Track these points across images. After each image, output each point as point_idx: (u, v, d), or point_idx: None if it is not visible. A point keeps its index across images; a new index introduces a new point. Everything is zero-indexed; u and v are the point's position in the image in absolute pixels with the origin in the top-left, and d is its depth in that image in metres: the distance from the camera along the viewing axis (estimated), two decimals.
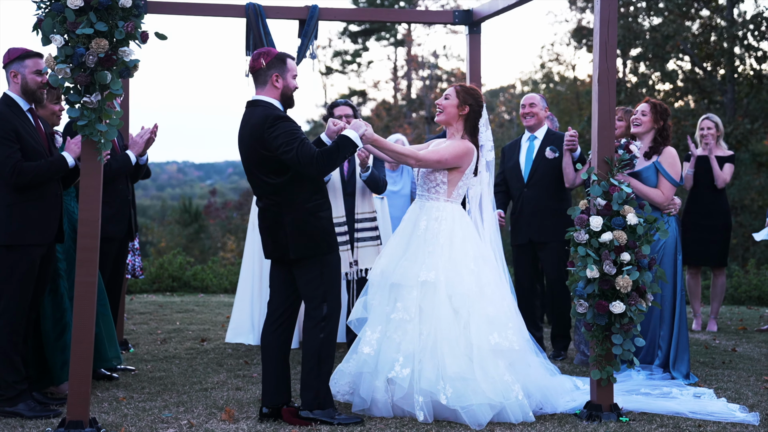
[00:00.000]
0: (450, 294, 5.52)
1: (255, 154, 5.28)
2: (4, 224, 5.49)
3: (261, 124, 5.22)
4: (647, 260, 5.51)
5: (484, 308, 5.53)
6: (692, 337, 8.56)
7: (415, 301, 5.51)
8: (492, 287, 5.65)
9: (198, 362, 7.14)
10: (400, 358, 5.37)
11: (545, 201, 7.42)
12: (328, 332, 5.34)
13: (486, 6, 7.58)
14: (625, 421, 5.46)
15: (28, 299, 5.59)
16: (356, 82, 39.14)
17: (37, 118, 5.76)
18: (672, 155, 6.83)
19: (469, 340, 5.46)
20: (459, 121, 5.80)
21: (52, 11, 4.95)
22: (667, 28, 22.43)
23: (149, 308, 10.42)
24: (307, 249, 5.29)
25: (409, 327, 5.47)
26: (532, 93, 7.82)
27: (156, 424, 5.30)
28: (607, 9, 5.59)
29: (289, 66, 5.43)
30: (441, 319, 5.47)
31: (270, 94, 5.39)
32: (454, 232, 5.68)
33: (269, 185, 5.30)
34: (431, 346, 5.41)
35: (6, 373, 5.51)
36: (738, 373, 6.89)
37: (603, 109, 5.60)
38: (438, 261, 5.56)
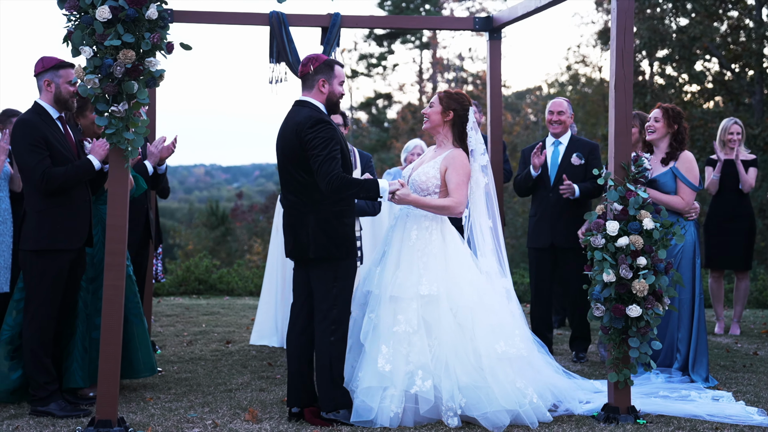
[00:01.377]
0: (452, 307, 5.56)
1: (292, 149, 5.41)
2: (35, 230, 5.65)
3: (304, 123, 5.37)
4: (663, 264, 5.58)
5: (487, 317, 5.59)
6: (714, 341, 8.60)
7: (415, 313, 5.53)
8: (491, 295, 5.70)
9: (223, 364, 7.29)
10: (420, 372, 5.40)
11: (569, 206, 7.49)
12: (338, 336, 5.45)
13: (506, 13, 7.67)
14: (642, 424, 5.54)
15: (57, 303, 5.76)
16: (382, 85, 39.39)
17: (66, 126, 5.92)
18: (689, 160, 6.87)
19: (477, 350, 5.51)
20: (446, 128, 5.86)
21: (81, 24, 5.10)
22: (694, 29, 22.34)
23: (176, 311, 10.60)
24: (325, 250, 5.39)
25: (414, 339, 5.49)
26: (559, 99, 7.85)
27: (182, 423, 5.44)
28: (624, 16, 5.67)
29: (337, 72, 5.59)
30: (447, 332, 5.51)
31: (316, 98, 5.55)
32: (447, 243, 5.74)
33: (299, 183, 5.43)
34: (443, 359, 5.46)
35: (37, 374, 5.68)
36: (758, 377, 6.93)
37: (620, 115, 5.68)
38: (435, 274, 5.60)
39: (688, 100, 23.53)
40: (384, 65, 37.85)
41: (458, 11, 35.87)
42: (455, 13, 35.94)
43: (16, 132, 5.71)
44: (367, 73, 38.29)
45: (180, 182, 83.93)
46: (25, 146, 5.63)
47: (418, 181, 5.80)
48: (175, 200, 62.97)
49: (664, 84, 24.00)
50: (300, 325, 5.61)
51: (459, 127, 5.84)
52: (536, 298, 7.76)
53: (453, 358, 5.46)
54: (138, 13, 5.08)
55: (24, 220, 5.79)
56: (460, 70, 35.55)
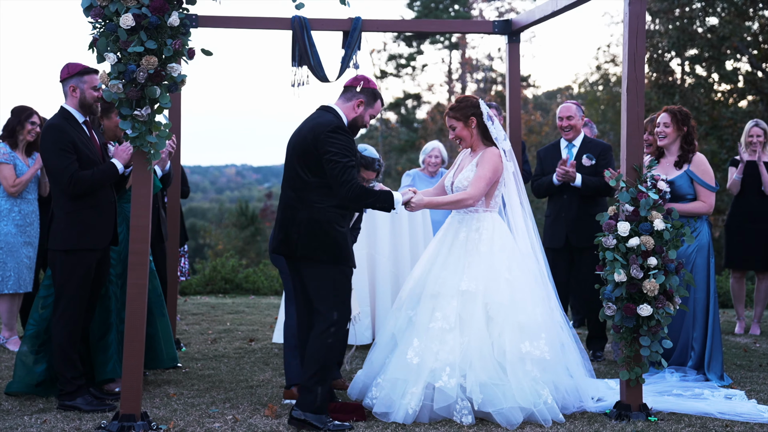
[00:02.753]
0: (486, 302, 5.70)
1: (304, 147, 5.50)
2: (63, 231, 5.85)
3: (325, 126, 5.46)
4: (674, 265, 5.67)
5: (516, 316, 5.70)
6: (733, 341, 8.65)
7: (454, 310, 5.68)
8: (524, 295, 5.80)
9: (245, 361, 7.45)
10: (447, 368, 5.53)
11: (584, 207, 7.58)
12: (335, 339, 5.48)
13: (524, 16, 7.78)
14: (654, 421, 5.63)
15: (85, 300, 5.95)
16: (411, 86, 39.48)
17: (92, 130, 6.12)
18: (703, 162, 6.95)
19: (502, 347, 5.63)
20: (475, 134, 6.01)
21: (106, 31, 5.28)
22: (724, 29, 22.26)
23: (202, 309, 10.80)
24: (312, 252, 5.45)
25: (448, 336, 5.63)
26: (567, 103, 7.95)
27: (203, 418, 5.61)
28: (636, 20, 5.76)
29: (376, 105, 5.73)
30: (477, 329, 5.65)
31: (346, 111, 5.66)
32: (494, 241, 5.87)
33: (301, 181, 5.51)
34: (469, 358, 5.59)
35: (65, 369, 5.87)
36: None
37: (632, 118, 5.77)
38: (478, 271, 5.75)
39: (717, 99, 23.42)
40: (413, 65, 37.96)
41: (487, 11, 35.90)
42: (484, 12, 35.97)
43: (45, 136, 5.91)
44: (396, 74, 38.40)
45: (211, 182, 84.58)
46: (54, 150, 5.83)
47: (462, 188, 5.96)
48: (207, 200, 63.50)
49: (692, 83, 23.89)
50: (305, 324, 5.72)
51: (481, 126, 6.00)
52: None
53: (478, 356, 5.58)
54: (160, 21, 5.25)
55: (52, 220, 5.99)
56: (489, 71, 35.57)
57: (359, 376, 6.04)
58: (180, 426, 5.45)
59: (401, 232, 8.11)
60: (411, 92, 38.41)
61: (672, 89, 23.32)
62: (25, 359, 6.13)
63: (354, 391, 6.04)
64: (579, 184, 7.52)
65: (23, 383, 6.12)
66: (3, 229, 7.66)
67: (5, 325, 7.87)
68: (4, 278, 7.67)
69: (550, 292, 6.06)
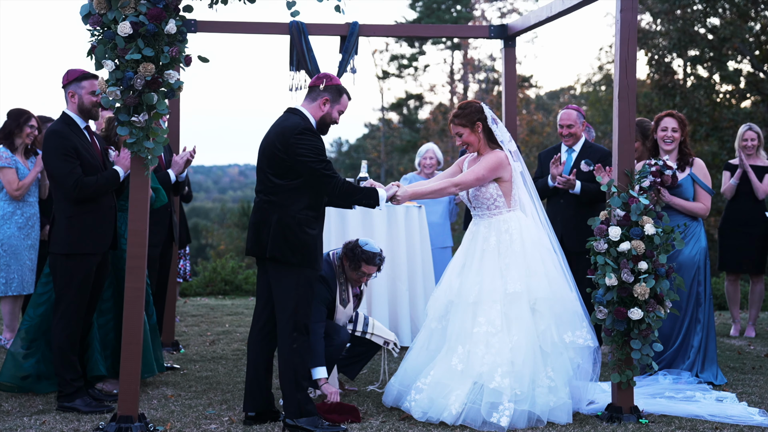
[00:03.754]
0: (530, 299, 5.81)
1: (272, 151, 5.55)
2: (64, 234, 5.93)
3: (292, 129, 5.51)
4: (665, 269, 5.75)
5: (556, 307, 5.84)
6: (727, 343, 8.72)
7: (499, 313, 5.76)
8: (560, 286, 5.94)
9: (243, 363, 7.53)
10: (499, 369, 5.61)
11: (579, 211, 7.64)
12: (300, 342, 5.52)
13: (520, 21, 7.87)
14: (645, 423, 5.70)
15: (85, 303, 6.04)
16: (413, 86, 39.52)
17: (92, 135, 6.21)
18: (703, 166, 7.11)
19: (550, 338, 5.77)
20: (482, 138, 6.06)
21: (104, 39, 5.36)
22: (724, 30, 22.29)
23: (201, 311, 10.88)
24: (281, 253, 5.49)
25: (494, 340, 5.71)
26: (567, 110, 7.99)
27: (200, 420, 5.69)
28: (627, 28, 5.84)
29: (342, 101, 5.74)
30: (525, 326, 5.76)
31: (312, 112, 5.69)
32: (524, 239, 5.95)
33: (271, 184, 5.56)
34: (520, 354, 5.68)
35: (64, 371, 5.96)
36: (766, 378, 7.05)
37: (623, 124, 5.85)
38: (518, 272, 5.83)
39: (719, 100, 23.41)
40: (415, 66, 38.00)
41: (489, 11, 35.96)
42: (486, 13, 36.01)
43: (48, 142, 5.99)
44: (398, 74, 38.45)
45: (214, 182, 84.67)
46: (58, 156, 5.91)
47: (481, 196, 6.02)
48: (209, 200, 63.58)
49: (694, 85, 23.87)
50: (259, 328, 5.74)
51: (486, 129, 6.05)
52: None
53: (526, 354, 5.69)
54: (157, 28, 5.32)
55: (53, 224, 6.07)
56: (491, 71, 35.63)
57: (393, 383, 6.10)
58: (177, 427, 5.53)
59: (398, 235, 8.19)
60: (413, 93, 38.48)
61: (673, 90, 23.35)
62: (16, 353, 6.25)
63: (389, 399, 6.09)
64: (578, 191, 7.59)
65: (10, 375, 6.24)
66: (6, 232, 7.74)
67: (7, 327, 7.95)
68: (9, 280, 7.76)
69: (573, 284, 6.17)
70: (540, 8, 7.24)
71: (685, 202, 7.00)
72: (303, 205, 5.53)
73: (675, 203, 6.96)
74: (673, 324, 6.97)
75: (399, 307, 8.16)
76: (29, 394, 6.31)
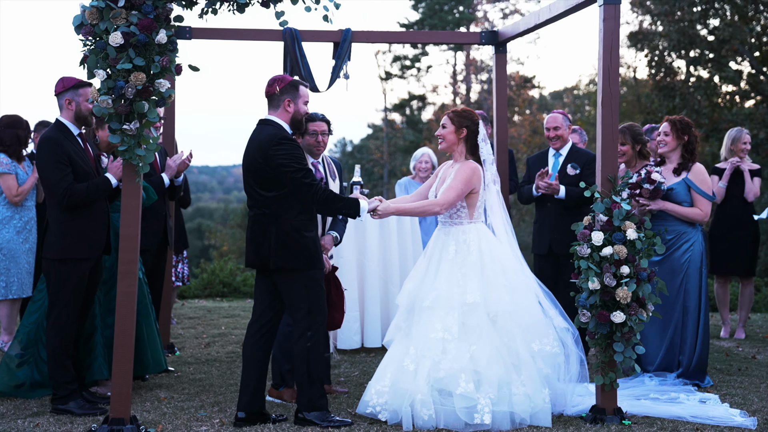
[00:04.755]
0: (489, 311, 5.87)
1: (255, 166, 5.73)
2: (57, 240, 6.05)
3: (268, 141, 5.68)
4: (646, 273, 5.85)
5: (521, 319, 5.91)
6: (717, 344, 8.81)
7: (455, 321, 5.84)
8: (526, 297, 6.02)
9: (236, 365, 7.65)
10: (462, 375, 5.70)
11: (566, 215, 7.74)
12: (314, 341, 5.74)
13: (510, 28, 7.98)
14: (627, 424, 5.80)
15: (78, 307, 6.16)
16: (416, 87, 39.52)
17: (86, 142, 6.32)
18: (702, 171, 7.14)
19: (515, 349, 5.84)
20: (460, 144, 6.15)
21: (96, 48, 5.48)
22: (723, 32, 22.34)
23: (198, 313, 11.01)
24: (286, 262, 5.69)
25: (450, 346, 5.79)
26: (554, 114, 8.10)
27: (191, 422, 5.81)
28: (610, 37, 5.93)
29: (301, 93, 5.90)
30: (484, 334, 5.83)
31: (281, 117, 5.85)
32: (483, 252, 6.02)
33: (261, 197, 5.74)
34: (482, 360, 5.76)
35: (58, 374, 6.08)
36: (751, 380, 7.15)
37: (606, 131, 5.95)
38: (476, 283, 5.90)
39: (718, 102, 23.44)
40: (418, 67, 38.07)
41: (492, 12, 36.05)
42: (489, 14, 36.12)
43: (41, 148, 6.11)
44: (401, 75, 38.54)
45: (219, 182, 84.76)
46: (51, 163, 6.03)
47: None
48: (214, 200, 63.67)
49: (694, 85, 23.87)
50: (255, 330, 5.88)
51: (472, 141, 6.14)
52: None
53: (489, 360, 5.77)
54: (148, 38, 5.44)
55: (47, 230, 6.19)
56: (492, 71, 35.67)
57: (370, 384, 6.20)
58: (168, 429, 5.64)
59: (390, 238, 8.30)
60: (416, 93, 38.56)
61: (672, 92, 23.41)
62: (9, 362, 6.39)
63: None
64: (563, 196, 7.68)
65: (3, 383, 6.38)
66: (5, 236, 7.88)
67: (5, 330, 8.08)
68: (8, 284, 7.90)
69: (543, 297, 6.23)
70: (529, 15, 7.36)
71: (679, 207, 7.05)
72: (297, 211, 5.71)
73: (668, 209, 7.04)
74: (663, 329, 7.06)
75: (391, 309, 8.26)
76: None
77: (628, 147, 7.40)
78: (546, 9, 6.91)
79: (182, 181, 7.64)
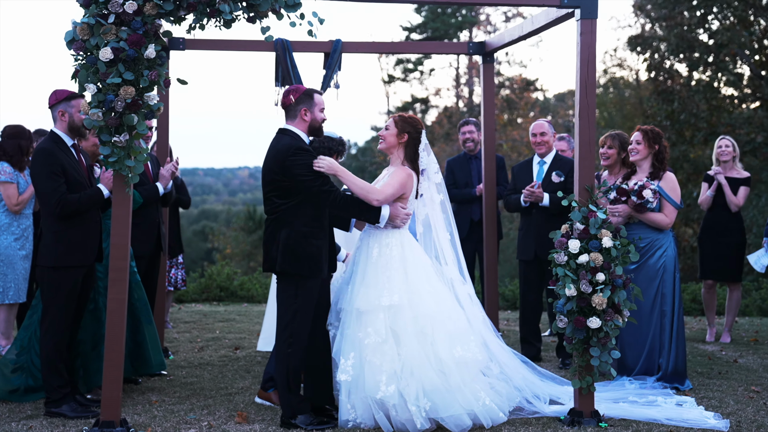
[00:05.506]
0: (414, 315, 6.00)
1: (271, 174, 5.95)
2: (51, 248, 6.24)
3: (285, 151, 5.90)
4: (621, 280, 6.02)
5: (444, 325, 6.03)
6: (700, 348, 8.97)
7: (383, 323, 5.97)
8: (449, 303, 6.15)
9: (228, 369, 7.83)
10: (383, 378, 5.84)
11: (550, 221, 7.91)
12: (295, 348, 5.93)
13: (495, 39, 8.18)
14: (604, 427, 5.97)
15: (71, 313, 6.34)
16: (419, 90, 39.66)
17: (79, 152, 6.51)
18: (672, 180, 7.32)
19: (438, 355, 5.96)
20: (399, 149, 6.28)
21: (86, 63, 5.67)
22: (722, 36, 22.45)
23: (194, 317, 11.20)
24: (290, 266, 5.89)
25: (385, 348, 5.93)
26: (540, 120, 8.32)
27: (180, 425, 5.98)
28: (587, 51, 6.11)
29: (317, 101, 6.10)
30: (410, 339, 5.95)
31: (299, 126, 6.07)
32: (406, 257, 6.15)
33: (275, 204, 5.96)
34: (409, 366, 5.89)
35: (51, 378, 6.26)
36: (729, 383, 7.31)
37: (583, 141, 6.12)
38: (398, 285, 6.03)
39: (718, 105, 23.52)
40: (421, 70, 38.18)
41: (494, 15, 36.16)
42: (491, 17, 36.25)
43: (36, 159, 6.30)
44: (404, 78, 38.68)
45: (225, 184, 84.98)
46: (45, 174, 6.22)
47: None
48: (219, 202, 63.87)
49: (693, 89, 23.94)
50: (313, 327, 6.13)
51: (412, 148, 6.27)
52: (524, 308, 8.23)
53: (418, 365, 5.90)
54: (137, 53, 5.62)
55: (41, 238, 6.38)
56: (497, 75, 35.84)
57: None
58: (157, 431, 5.82)
59: None
60: (419, 96, 38.71)
61: (671, 96, 23.53)
62: (4, 368, 6.58)
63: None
64: (547, 203, 7.86)
65: None
66: (3, 243, 8.07)
67: (2, 334, 8.26)
68: (5, 289, 8.09)
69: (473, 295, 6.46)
70: (513, 27, 7.54)
71: (647, 214, 7.25)
72: (308, 218, 5.94)
73: (638, 215, 7.23)
74: (643, 333, 7.22)
75: None
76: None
77: (614, 152, 7.61)
78: (529, 22, 7.10)
79: (179, 184, 7.83)
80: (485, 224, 8.36)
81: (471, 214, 9.01)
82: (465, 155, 9.28)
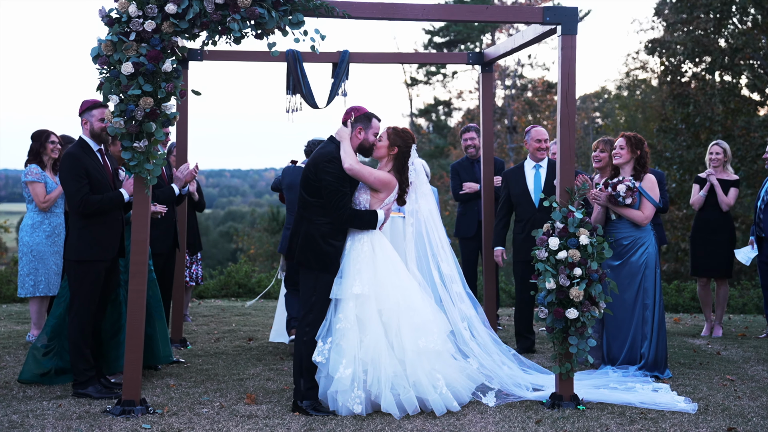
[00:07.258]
0: (380, 308, 6.47)
1: (306, 172, 6.53)
2: (76, 243, 6.86)
3: (324, 156, 6.49)
4: (597, 274, 6.55)
5: (410, 317, 6.49)
6: (688, 342, 9.46)
7: (352, 311, 6.44)
8: (415, 297, 6.59)
9: (241, 358, 8.43)
10: (343, 361, 6.33)
11: None
12: (309, 337, 6.46)
13: (492, 50, 8.74)
14: (582, 409, 6.50)
15: (95, 303, 6.95)
16: (441, 92, 40.11)
17: (105, 157, 7.12)
18: (652, 181, 7.83)
19: (401, 345, 6.43)
20: (389, 160, 6.78)
21: (110, 77, 6.27)
22: (737, 41, 22.73)
23: (213, 311, 11.83)
24: (306, 260, 6.45)
25: (350, 334, 6.41)
26: (539, 128, 8.80)
27: (194, 405, 6.58)
28: (568, 64, 6.63)
29: (373, 125, 6.67)
30: (373, 328, 6.41)
31: (351, 142, 6.60)
32: (376, 251, 6.60)
33: (304, 201, 6.53)
34: (371, 352, 6.36)
35: (78, 362, 6.88)
36: (707, 373, 7.79)
37: (564, 147, 6.65)
38: (367, 277, 6.48)
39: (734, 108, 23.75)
40: (443, 73, 38.61)
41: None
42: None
43: (63, 163, 6.92)
44: (427, 81, 39.15)
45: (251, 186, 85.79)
46: (70, 175, 6.84)
47: (354, 200, 6.67)
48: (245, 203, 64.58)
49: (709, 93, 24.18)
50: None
51: (400, 161, 6.76)
52: (519, 304, 8.74)
53: (378, 353, 6.36)
54: (156, 68, 6.22)
55: (67, 234, 7.01)
56: (519, 77, 36.17)
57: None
58: (173, 410, 6.41)
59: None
60: (441, 99, 39.19)
61: (686, 99, 23.83)
62: (36, 352, 7.22)
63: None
64: None
65: (31, 373, 7.22)
66: (35, 239, 8.71)
67: (35, 324, 8.91)
68: (36, 283, 8.73)
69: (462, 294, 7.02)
70: (507, 39, 8.07)
71: (624, 208, 7.76)
72: (328, 219, 6.47)
73: (615, 209, 7.76)
74: (626, 325, 7.73)
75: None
76: None
77: (606, 155, 8.18)
78: (520, 35, 7.61)
79: (194, 189, 8.44)
80: (485, 224, 8.89)
81: (478, 214, 9.57)
82: (468, 159, 9.87)
